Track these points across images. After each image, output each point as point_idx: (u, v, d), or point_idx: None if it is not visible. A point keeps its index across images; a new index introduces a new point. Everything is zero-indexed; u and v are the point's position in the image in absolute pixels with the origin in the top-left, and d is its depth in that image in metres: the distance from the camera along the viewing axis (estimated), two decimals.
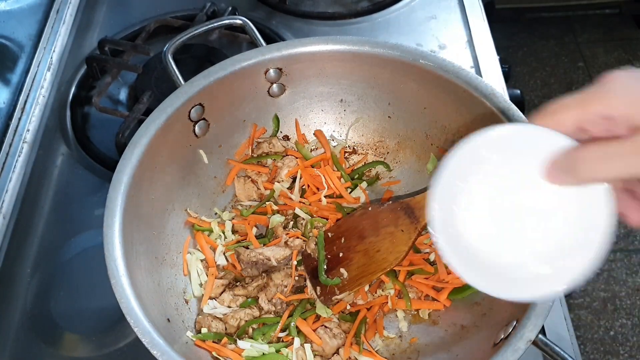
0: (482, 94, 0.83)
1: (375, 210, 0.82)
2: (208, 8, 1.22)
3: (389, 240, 0.79)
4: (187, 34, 0.91)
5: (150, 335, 0.67)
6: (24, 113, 1.10)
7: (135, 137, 0.80)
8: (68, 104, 1.13)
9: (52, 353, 0.85)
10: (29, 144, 1.07)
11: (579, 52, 2.65)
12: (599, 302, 2.00)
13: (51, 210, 0.99)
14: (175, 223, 0.88)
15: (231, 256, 0.88)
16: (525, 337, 0.65)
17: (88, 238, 0.95)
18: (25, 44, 1.16)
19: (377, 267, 0.79)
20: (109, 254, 0.72)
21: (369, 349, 0.80)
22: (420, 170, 0.95)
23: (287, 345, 0.79)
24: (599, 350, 1.91)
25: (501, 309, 0.77)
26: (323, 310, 0.82)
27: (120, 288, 0.70)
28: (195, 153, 0.91)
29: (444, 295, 0.83)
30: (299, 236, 0.88)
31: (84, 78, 1.17)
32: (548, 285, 0.55)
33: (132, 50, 1.16)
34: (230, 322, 0.81)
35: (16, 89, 1.11)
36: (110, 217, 0.74)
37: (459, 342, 0.79)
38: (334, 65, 0.91)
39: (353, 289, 0.80)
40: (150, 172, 0.81)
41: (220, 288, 0.84)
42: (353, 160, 0.98)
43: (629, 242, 2.12)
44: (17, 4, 1.15)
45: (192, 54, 1.16)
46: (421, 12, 1.24)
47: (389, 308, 0.84)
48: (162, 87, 1.09)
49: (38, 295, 0.90)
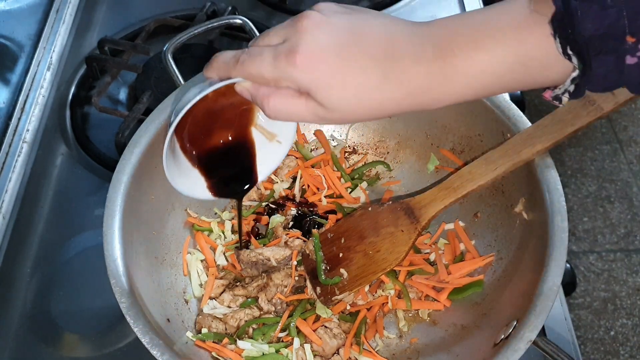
0: None
1: (375, 211, 0.82)
2: (208, 8, 1.21)
3: (389, 241, 0.79)
4: (187, 34, 0.90)
5: (150, 335, 0.67)
6: (23, 113, 1.10)
7: (135, 137, 0.80)
8: (68, 104, 1.13)
9: (51, 353, 0.85)
10: (29, 144, 1.07)
11: None
12: (599, 302, 2.00)
13: (51, 210, 0.99)
14: (175, 223, 0.87)
15: (231, 256, 0.88)
16: (525, 337, 0.65)
17: (88, 238, 0.95)
18: (25, 44, 1.16)
19: (377, 268, 0.79)
20: (109, 254, 0.72)
21: (369, 349, 0.80)
22: (421, 170, 0.95)
23: (287, 345, 0.79)
24: (599, 350, 1.91)
25: (501, 309, 0.77)
26: (323, 311, 0.82)
27: (120, 288, 0.70)
28: None
29: (444, 296, 0.83)
30: (299, 236, 0.88)
31: (84, 78, 1.17)
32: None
33: (132, 50, 1.16)
34: (230, 322, 0.81)
35: (16, 88, 1.11)
36: (110, 217, 0.74)
37: (459, 343, 0.79)
38: None
39: (353, 289, 0.80)
40: (150, 172, 0.81)
41: (220, 288, 0.84)
42: (353, 160, 0.98)
43: (629, 242, 2.12)
44: (17, 3, 1.15)
45: (192, 54, 1.16)
46: (421, 11, 1.24)
47: (389, 308, 0.84)
48: (162, 87, 1.09)
49: (38, 295, 0.90)
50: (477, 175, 0.75)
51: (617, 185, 2.26)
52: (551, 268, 0.69)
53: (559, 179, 0.75)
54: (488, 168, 0.75)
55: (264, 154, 0.77)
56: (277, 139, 0.76)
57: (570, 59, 0.51)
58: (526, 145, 0.74)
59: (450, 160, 0.91)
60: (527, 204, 0.79)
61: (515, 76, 0.54)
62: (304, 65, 0.54)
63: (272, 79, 0.57)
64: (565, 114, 0.72)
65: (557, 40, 0.50)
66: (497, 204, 0.86)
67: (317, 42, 0.55)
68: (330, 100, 0.56)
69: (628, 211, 2.19)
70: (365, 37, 0.55)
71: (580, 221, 2.17)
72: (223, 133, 0.75)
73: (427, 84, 0.54)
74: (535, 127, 0.75)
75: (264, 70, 0.57)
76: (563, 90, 0.54)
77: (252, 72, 0.58)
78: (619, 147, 2.36)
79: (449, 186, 0.77)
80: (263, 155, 0.77)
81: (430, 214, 0.77)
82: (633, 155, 2.33)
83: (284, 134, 0.75)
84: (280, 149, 0.76)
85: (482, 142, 0.86)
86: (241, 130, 0.75)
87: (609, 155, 2.34)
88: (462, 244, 0.88)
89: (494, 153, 0.75)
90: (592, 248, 2.11)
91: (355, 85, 0.55)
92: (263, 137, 0.76)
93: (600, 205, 2.21)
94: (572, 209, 2.19)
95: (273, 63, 0.56)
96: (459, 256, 0.87)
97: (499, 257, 0.83)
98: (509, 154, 0.74)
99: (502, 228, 0.84)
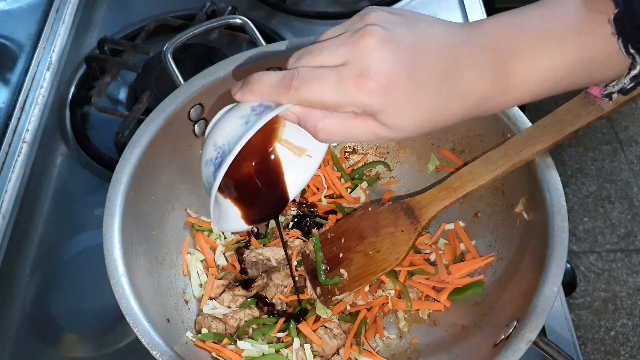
0: None
1: (375, 211, 0.82)
2: (208, 7, 1.21)
3: (389, 241, 0.79)
4: (186, 34, 0.90)
5: (150, 336, 0.67)
6: (23, 113, 1.10)
7: (134, 137, 0.80)
8: (67, 104, 1.13)
9: (51, 353, 0.85)
10: (29, 144, 1.07)
11: None
12: (599, 302, 2.00)
13: (51, 210, 0.99)
14: (175, 223, 0.87)
15: (231, 256, 0.88)
16: (525, 338, 0.65)
17: (88, 238, 0.95)
18: (25, 44, 1.16)
19: (377, 268, 0.79)
20: (109, 254, 0.72)
21: (369, 349, 0.80)
22: (421, 170, 0.95)
23: (287, 345, 0.79)
24: (599, 350, 1.91)
25: (502, 309, 0.76)
26: (323, 311, 0.82)
27: (120, 288, 0.69)
28: (195, 153, 0.90)
29: (444, 296, 0.83)
30: (299, 236, 0.88)
31: (84, 78, 1.17)
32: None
33: (132, 50, 1.16)
34: (230, 323, 0.81)
35: (15, 88, 1.11)
36: (110, 217, 0.74)
37: (460, 343, 0.79)
38: None
39: (353, 289, 0.80)
40: (150, 172, 0.81)
41: (220, 288, 0.84)
42: (353, 160, 0.98)
43: (629, 242, 2.12)
44: (17, 3, 1.15)
45: (191, 54, 1.16)
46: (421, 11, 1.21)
47: (389, 308, 0.84)
48: (162, 87, 1.09)
49: (38, 295, 0.90)
50: (477, 175, 0.75)
51: (617, 185, 2.25)
52: (551, 268, 0.68)
53: (559, 179, 0.74)
54: (488, 168, 0.75)
55: (292, 169, 0.70)
56: (307, 154, 0.69)
57: (634, 57, 0.51)
58: (526, 145, 0.73)
59: (450, 160, 0.91)
60: (527, 204, 0.79)
61: (575, 79, 0.54)
62: (378, 91, 0.50)
63: (336, 105, 0.52)
64: (565, 114, 0.72)
65: (620, 40, 0.50)
66: (497, 204, 0.86)
67: (387, 63, 0.51)
68: (399, 122, 0.53)
69: (628, 211, 2.19)
70: (429, 51, 0.52)
71: (581, 221, 2.17)
72: (249, 156, 0.69)
73: (491, 93, 0.54)
74: (535, 127, 0.74)
75: (326, 96, 0.52)
76: (619, 87, 0.54)
77: (310, 99, 0.53)
78: (619, 147, 2.36)
79: (449, 186, 0.77)
80: (292, 171, 0.70)
81: (430, 214, 0.77)
82: (633, 155, 2.33)
83: (315, 147, 0.68)
84: (311, 163, 0.69)
85: (482, 142, 0.86)
86: (265, 149, 0.69)
87: (609, 155, 2.34)
88: (462, 244, 0.88)
89: (494, 153, 0.75)
90: (593, 248, 2.11)
91: (426, 105, 0.52)
92: (291, 152, 0.70)
93: (600, 205, 2.21)
94: (573, 209, 2.19)
95: (338, 89, 0.51)
96: (459, 256, 0.87)
97: (499, 257, 0.83)
98: (509, 154, 0.74)
99: (503, 228, 0.84)
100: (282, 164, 0.70)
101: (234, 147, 0.54)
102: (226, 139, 0.55)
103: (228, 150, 0.55)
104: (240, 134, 0.54)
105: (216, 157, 0.56)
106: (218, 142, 0.56)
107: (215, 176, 0.56)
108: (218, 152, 0.56)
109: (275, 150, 0.69)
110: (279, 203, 0.73)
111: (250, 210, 0.70)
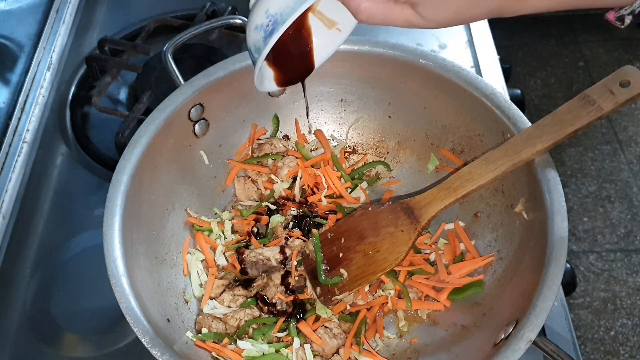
0: (482, 93, 0.83)
1: (375, 211, 0.82)
2: (208, 8, 1.21)
3: (389, 241, 0.79)
4: (187, 34, 0.90)
5: (150, 335, 0.67)
6: (23, 113, 1.10)
7: (135, 137, 0.80)
8: (68, 104, 1.13)
9: (52, 353, 0.85)
10: (29, 144, 1.07)
11: (580, 52, 2.65)
12: (599, 302, 2.00)
13: (51, 210, 0.99)
14: (175, 223, 0.87)
15: (231, 256, 0.88)
16: (525, 337, 0.65)
17: (88, 238, 0.95)
18: (25, 44, 1.16)
19: (377, 268, 0.79)
20: (109, 254, 0.72)
21: (369, 349, 0.80)
22: (420, 170, 0.95)
23: (287, 345, 0.79)
24: (599, 350, 1.91)
25: (501, 309, 0.77)
26: (323, 311, 0.82)
27: (120, 288, 0.70)
28: (195, 153, 0.91)
29: (444, 296, 0.83)
30: (299, 236, 0.88)
31: (84, 78, 1.17)
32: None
33: (132, 50, 1.16)
34: (230, 322, 0.81)
35: (16, 88, 1.11)
36: (110, 217, 0.74)
37: (459, 342, 0.79)
38: (334, 64, 0.91)
39: (353, 289, 0.80)
40: (150, 172, 0.81)
41: (220, 288, 0.84)
42: (353, 160, 0.98)
43: (629, 242, 2.12)
44: (17, 3, 1.15)
45: (192, 54, 1.16)
46: None
47: (389, 308, 0.84)
48: (162, 87, 1.09)
49: (38, 295, 0.90)
50: (477, 175, 0.75)
51: (617, 185, 2.25)
52: (551, 268, 0.68)
53: (559, 179, 0.75)
54: (488, 168, 0.75)
55: (321, 40, 0.75)
56: (337, 27, 0.74)
57: None
58: (526, 145, 0.74)
59: (450, 160, 0.91)
60: (527, 204, 0.79)
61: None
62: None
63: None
64: (565, 114, 0.72)
65: None
66: (497, 204, 0.86)
67: None
68: (434, 14, 0.59)
69: (628, 211, 2.19)
70: None
71: (580, 221, 2.17)
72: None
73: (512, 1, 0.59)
74: (535, 127, 0.75)
75: None
76: (629, 10, 0.59)
77: None
78: (619, 147, 2.36)
79: (449, 186, 0.77)
80: (320, 41, 0.75)
81: (430, 214, 0.77)
82: (633, 155, 2.33)
83: (346, 22, 0.73)
84: (339, 36, 0.74)
85: (482, 142, 0.87)
86: (301, 18, 0.72)
87: (609, 155, 2.34)
88: (462, 244, 0.88)
89: (494, 153, 0.75)
90: (592, 248, 2.11)
91: (459, 3, 0.59)
92: (321, 24, 0.74)
93: (600, 205, 2.21)
94: (572, 209, 2.19)
95: None
96: (459, 256, 0.87)
97: (499, 257, 0.83)
98: (509, 154, 0.74)
99: (502, 228, 0.84)
100: (312, 33, 0.75)
101: (287, 17, 0.58)
102: (279, 8, 0.59)
103: (281, 20, 0.59)
104: (293, 6, 0.58)
105: (267, 24, 0.60)
106: (270, 9, 0.60)
107: (266, 42, 0.60)
108: (270, 20, 0.60)
109: (308, 20, 0.73)
110: (307, 69, 0.79)
111: (281, 73, 0.77)
